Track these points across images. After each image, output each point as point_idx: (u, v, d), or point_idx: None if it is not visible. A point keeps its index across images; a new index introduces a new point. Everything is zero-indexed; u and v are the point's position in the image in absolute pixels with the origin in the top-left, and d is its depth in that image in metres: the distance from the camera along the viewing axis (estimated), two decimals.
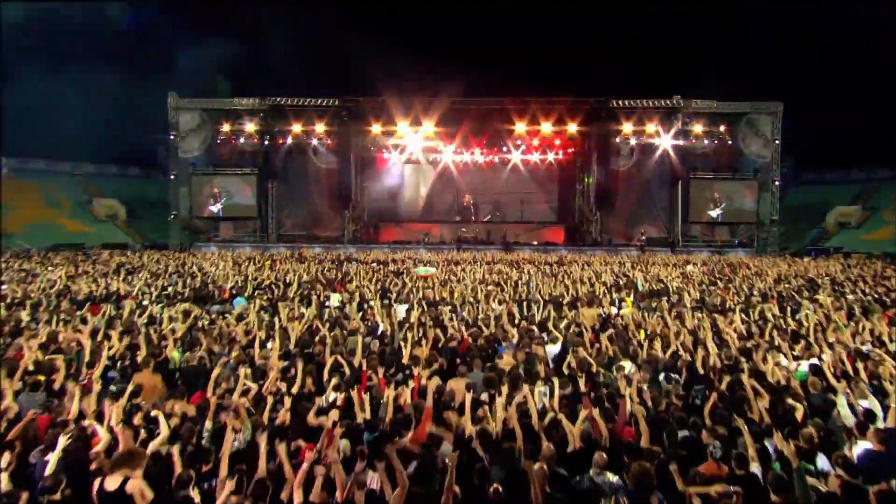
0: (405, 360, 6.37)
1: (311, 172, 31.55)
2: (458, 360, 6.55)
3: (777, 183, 29.52)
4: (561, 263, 20.91)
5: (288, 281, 13.78)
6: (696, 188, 30.10)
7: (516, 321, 8.81)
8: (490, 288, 12.75)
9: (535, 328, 7.56)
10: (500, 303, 10.89)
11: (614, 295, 11.88)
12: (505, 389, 4.95)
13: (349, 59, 31.35)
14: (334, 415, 4.51)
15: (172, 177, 30.01)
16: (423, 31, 34.34)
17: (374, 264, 20.31)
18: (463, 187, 34.61)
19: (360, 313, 9.52)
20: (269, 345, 6.92)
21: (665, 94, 29.21)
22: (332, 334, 7.65)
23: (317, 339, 7.39)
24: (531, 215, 34.61)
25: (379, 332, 7.73)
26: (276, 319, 8.61)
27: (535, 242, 31.06)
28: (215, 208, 30.33)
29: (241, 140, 30.11)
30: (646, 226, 30.60)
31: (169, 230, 30.31)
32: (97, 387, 5.00)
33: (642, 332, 7.81)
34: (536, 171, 33.89)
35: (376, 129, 29.53)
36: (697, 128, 29.22)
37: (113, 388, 5.28)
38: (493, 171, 34.21)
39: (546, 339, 7.46)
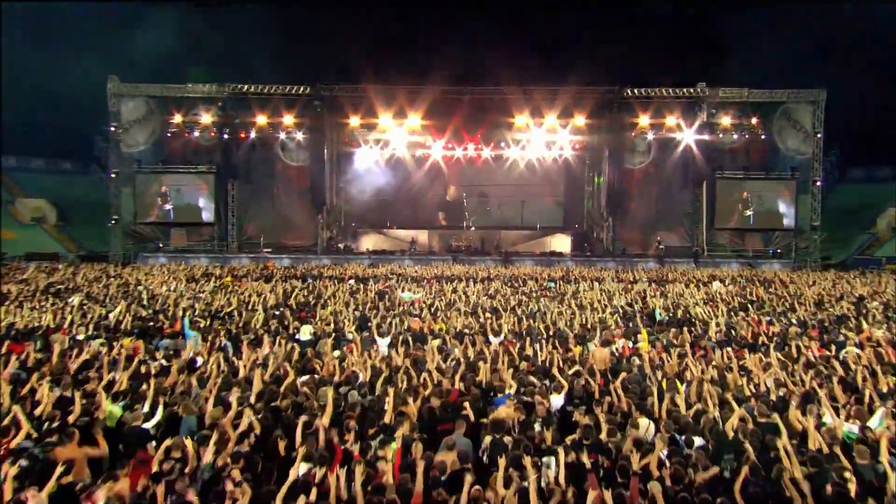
0: (388, 418, 6.37)
1: (278, 171, 31.59)
2: (447, 415, 6.56)
3: (818, 183, 30.03)
4: (567, 279, 21.08)
5: (252, 304, 13.75)
6: (723, 189, 30.51)
7: (516, 362, 8.83)
8: (486, 315, 12.80)
9: (535, 380, 7.58)
10: (496, 334, 10.95)
11: (629, 323, 12.01)
12: (502, 462, 4.96)
13: (323, 40, 31.44)
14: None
15: (113, 174, 29.91)
16: (408, 10, 34.50)
17: (352, 282, 20.36)
18: (455, 186, 34.86)
19: (337, 352, 9.50)
20: (229, 397, 6.88)
21: (687, 81, 29.75)
22: (301, 383, 7.63)
23: (283, 387, 7.36)
24: (533, 221, 34.94)
25: (358, 382, 7.70)
26: (237, 361, 8.56)
27: (538, 252, 31.30)
28: (165, 209, 30.26)
29: (196, 133, 30.05)
30: (663, 233, 30.97)
31: (109, 238, 30.18)
32: (12, 470, 4.66)
33: (661, 376, 7.86)
34: (539, 170, 34.16)
35: (354, 121, 29.67)
36: (725, 120, 29.64)
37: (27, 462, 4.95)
38: (490, 171, 34.42)
39: (549, 386, 7.49)
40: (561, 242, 33.79)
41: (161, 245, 30.26)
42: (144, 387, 7.06)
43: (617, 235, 31.38)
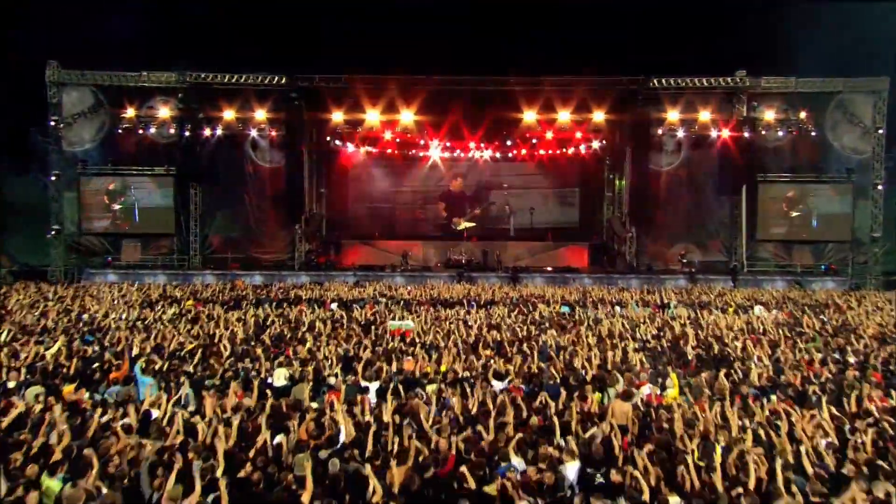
0: (375, 497, 6.38)
1: (248, 174, 31.75)
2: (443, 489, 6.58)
3: (880, 186, 30.25)
4: (584, 303, 21.16)
5: (218, 338, 13.74)
6: (766, 195, 30.80)
7: (524, 414, 8.86)
8: (488, 353, 12.83)
9: (547, 448, 7.59)
10: (501, 378, 10.97)
11: (656, 362, 12.03)
12: None
13: (301, 23, 31.45)
14: None
15: (54, 177, 30.02)
16: None
17: (335, 306, 20.41)
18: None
19: (315, 404, 9.51)
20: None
21: (724, 68, 29.88)
22: (274, 444, 7.64)
23: (253, 452, 7.37)
24: (544, 230, 35.28)
25: (339, 444, 7.72)
26: (199, 418, 8.56)
27: (550, 268, 31.44)
28: (115, 218, 30.48)
29: (152, 129, 30.19)
30: (693, 245, 31.22)
31: (49, 251, 30.20)
32: None
33: (695, 436, 7.87)
34: (551, 172, 34.52)
35: (338, 116, 29.88)
36: (768, 114, 29.88)
37: None
38: (494, 172, 34.66)
39: (562, 450, 7.51)
40: (576, 256, 34.01)
41: (110, 260, 30.33)
42: (89, 453, 7.04)
43: (641, 249, 31.60)
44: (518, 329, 15.81)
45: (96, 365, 11.47)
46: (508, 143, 32.82)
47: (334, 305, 20.72)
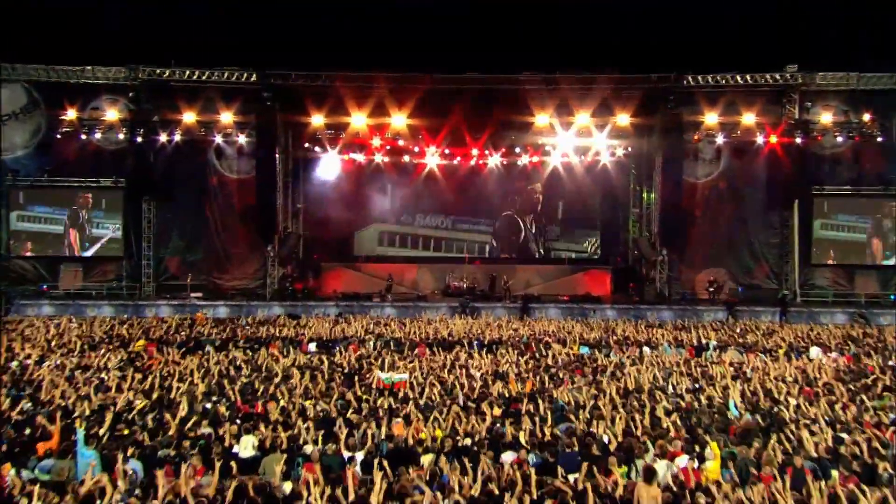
0: None
1: (211, 186, 31.83)
2: None
3: None
4: (606, 342, 21.11)
5: (175, 395, 13.66)
6: (822, 211, 30.82)
7: (534, 496, 8.81)
8: (495, 411, 12.75)
9: None
10: (509, 447, 10.89)
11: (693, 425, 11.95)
12: None
13: (275, 10, 31.58)
14: None
15: None
16: None
17: (314, 346, 20.39)
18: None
19: (288, 484, 9.44)
20: None
21: (772, 63, 30.03)
22: None
23: None
24: (559, 252, 35.84)
25: None
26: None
27: (566, 297, 31.40)
28: (52, 238, 30.39)
29: (98, 134, 30.23)
30: (723, 271, 31.21)
31: None
32: None
33: None
34: (568, 184, 34.51)
35: (317, 120, 30.00)
36: (825, 117, 29.94)
37: None
38: (500, 183, 34.73)
39: None
40: (597, 282, 34.01)
41: (46, 288, 30.26)
42: None
43: (674, 274, 31.65)
44: (529, 377, 15.78)
45: (26, 431, 11.36)
46: (517, 150, 32.84)
47: (313, 346, 20.74)
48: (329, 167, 34.58)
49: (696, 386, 15.09)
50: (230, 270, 31.84)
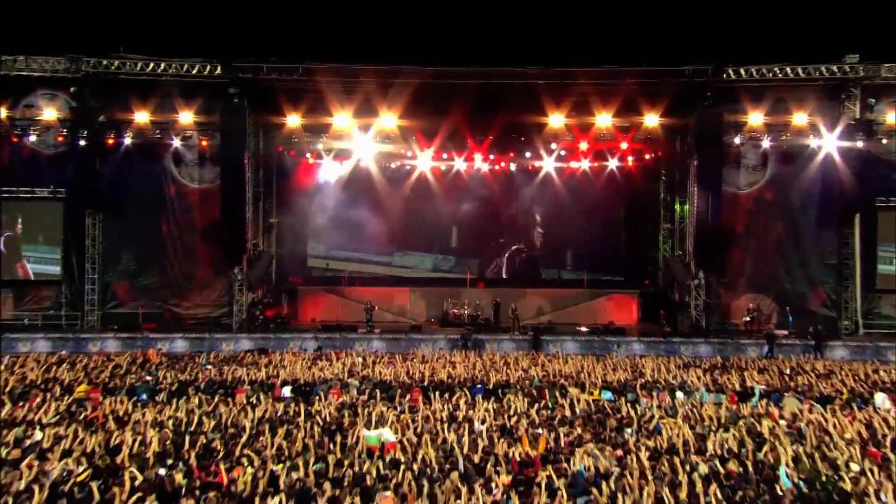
0: None
1: (169, 197, 31.70)
2: None
3: None
4: (631, 386, 20.88)
5: (122, 459, 13.44)
6: (889, 226, 30.69)
7: None
8: (503, 479, 12.56)
9: None
10: None
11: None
12: None
13: None
14: None
15: None
16: None
17: (288, 391, 20.20)
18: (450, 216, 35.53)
19: None
20: None
21: (828, 53, 29.81)
22: None
23: None
24: (577, 273, 35.67)
25: None
26: None
27: (584, 328, 31.35)
28: None
29: (33, 136, 30.20)
30: (766, 299, 31.14)
31: None
32: None
33: None
34: (586, 193, 34.60)
35: (293, 120, 29.96)
36: (891, 116, 29.86)
37: None
38: (506, 192, 34.71)
39: None
40: (622, 309, 33.98)
41: None
42: None
43: (712, 300, 31.43)
44: (542, 433, 15.60)
45: None
46: (528, 154, 32.81)
47: (287, 390, 20.49)
48: (307, 175, 34.50)
49: (741, 449, 14.86)
50: (190, 297, 31.66)
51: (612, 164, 33.63)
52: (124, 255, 31.47)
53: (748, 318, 30.21)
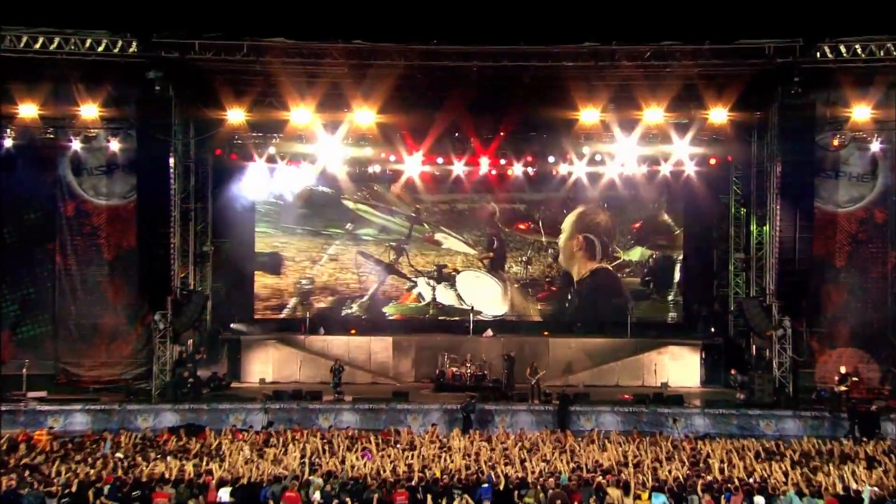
0: None
1: (64, 217, 31.75)
2: None
3: None
4: (693, 486, 20.35)
5: None
6: None
7: None
8: None
9: None
10: None
11: None
12: None
13: None
14: None
15: None
16: None
17: (227, 496, 19.83)
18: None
19: None
20: None
21: None
22: None
23: None
24: (619, 316, 35.81)
25: None
26: None
27: (628, 396, 31.20)
28: None
29: None
30: (867, 357, 31.10)
31: None
32: None
33: None
34: (629, 210, 35.40)
35: (237, 115, 30.06)
36: None
37: None
38: (522, 208, 35.19)
39: None
40: (679, 366, 34.05)
41: None
42: None
43: (803, 357, 31.17)
44: None
45: None
46: (550, 159, 32.92)
47: (225, 495, 20.01)
48: (255, 186, 34.46)
49: None
50: (93, 353, 31.50)
51: (665, 169, 33.51)
52: (4, 297, 31.28)
53: (843, 388, 29.24)
